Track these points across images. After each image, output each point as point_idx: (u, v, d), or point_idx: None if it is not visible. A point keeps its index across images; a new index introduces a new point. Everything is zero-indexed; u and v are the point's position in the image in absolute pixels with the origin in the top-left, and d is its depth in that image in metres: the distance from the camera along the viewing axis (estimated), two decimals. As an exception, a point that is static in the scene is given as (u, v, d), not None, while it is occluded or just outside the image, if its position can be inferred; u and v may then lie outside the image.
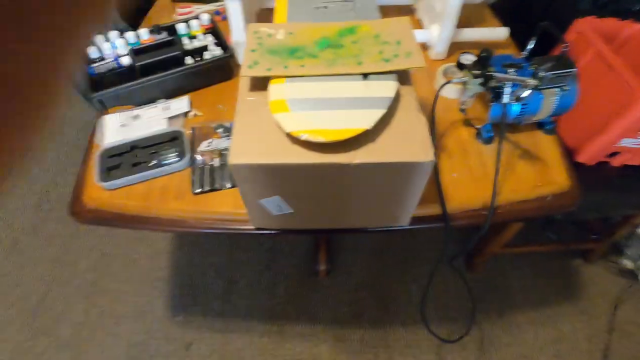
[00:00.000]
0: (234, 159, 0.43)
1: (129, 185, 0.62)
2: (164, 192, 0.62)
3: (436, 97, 0.64)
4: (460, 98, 0.66)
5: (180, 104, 0.72)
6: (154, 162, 0.63)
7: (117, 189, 0.62)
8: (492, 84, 0.58)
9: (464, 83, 0.61)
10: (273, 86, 0.47)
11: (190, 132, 0.68)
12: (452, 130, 0.69)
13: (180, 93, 0.75)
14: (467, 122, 0.70)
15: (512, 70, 0.59)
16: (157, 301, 1.14)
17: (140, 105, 0.72)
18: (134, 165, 0.63)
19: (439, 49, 0.80)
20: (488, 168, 0.64)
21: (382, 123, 0.45)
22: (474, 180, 0.63)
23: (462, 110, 0.66)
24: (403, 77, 0.49)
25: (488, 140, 0.67)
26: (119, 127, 0.69)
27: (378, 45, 0.51)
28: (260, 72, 0.48)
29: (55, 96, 0.13)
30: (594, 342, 1.07)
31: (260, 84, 0.49)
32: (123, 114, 0.71)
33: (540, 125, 0.69)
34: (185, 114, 0.71)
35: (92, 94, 0.69)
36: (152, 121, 0.69)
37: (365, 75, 0.48)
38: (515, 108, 0.62)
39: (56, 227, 1.30)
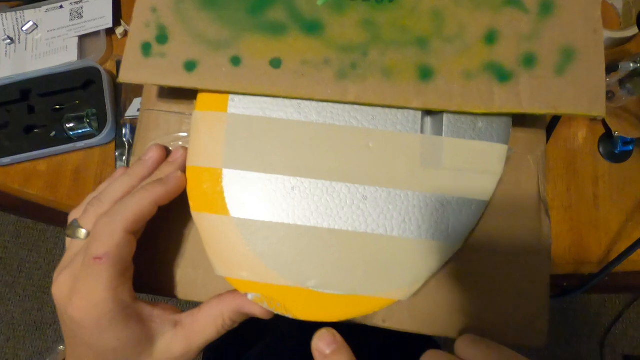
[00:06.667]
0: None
1: (22, 162, 0.40)
2: (77, 180, 0.40)
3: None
4: (612, 78, 0.34)
5: (100, 8, 0.41)
6: (57, 130, 0.39)
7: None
8: None
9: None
10: (199, 119, 0.20)
11: (116, 70, 0.41)
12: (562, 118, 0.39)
13: (102, -19, 0.43)
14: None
15: None
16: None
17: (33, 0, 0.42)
18: (28, 130, 0.39)
19: None
20: (604, 208, 0.38)
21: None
22: (573, 220, 0.38)
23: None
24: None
25: (619, 158, 0.38)
26: (1, 47, 0.41)
27: (487, 10, 0.19)
28: (167, 73, 0.20)
29: None
30: None
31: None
32: (7, 19, 0.42)
33: None
34: (109, 31, 0.42)
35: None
36: (54, 42, 0.41)
37: (431, 114, 0.19)
38: None
39: None
